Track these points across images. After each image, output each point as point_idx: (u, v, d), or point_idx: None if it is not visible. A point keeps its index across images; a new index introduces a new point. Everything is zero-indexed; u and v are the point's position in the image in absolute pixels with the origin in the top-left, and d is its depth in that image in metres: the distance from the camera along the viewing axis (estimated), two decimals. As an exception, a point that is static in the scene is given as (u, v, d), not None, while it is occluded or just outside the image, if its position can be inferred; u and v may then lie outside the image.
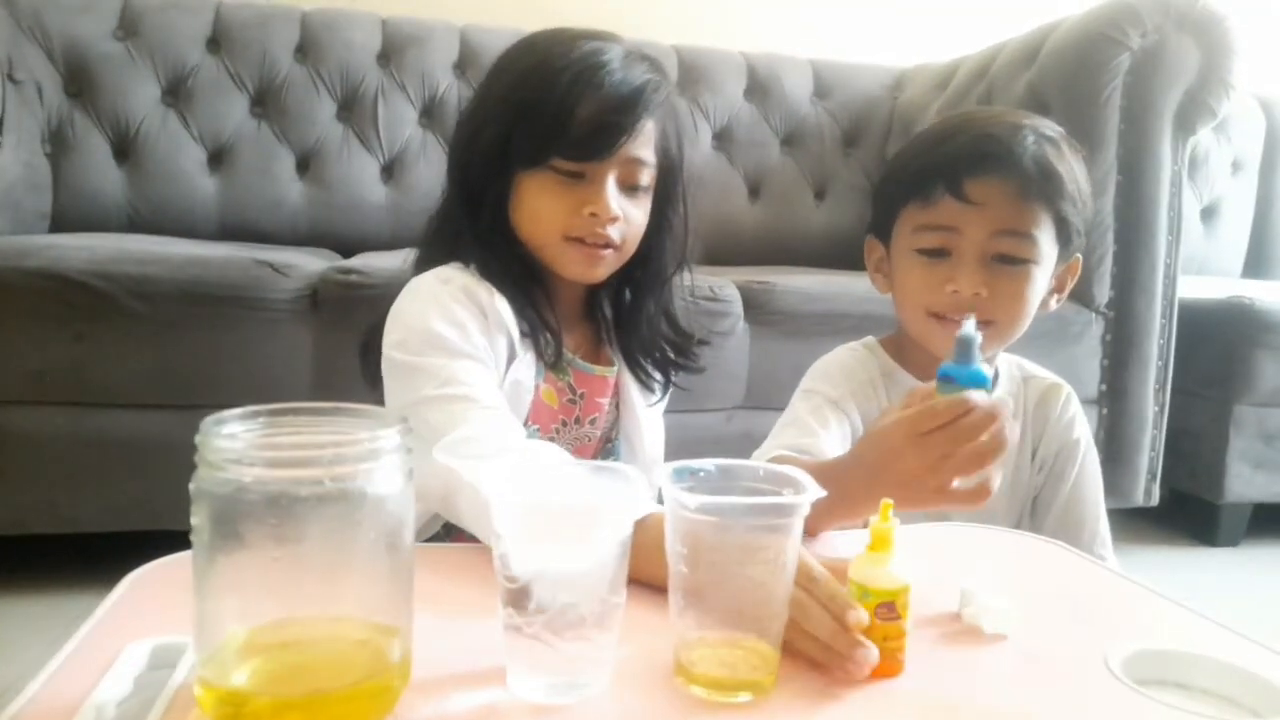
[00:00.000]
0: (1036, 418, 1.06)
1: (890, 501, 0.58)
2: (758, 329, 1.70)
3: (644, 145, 0.92)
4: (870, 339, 1.08)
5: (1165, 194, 1.84)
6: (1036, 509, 1.05)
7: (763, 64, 2.43)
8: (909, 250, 0.98)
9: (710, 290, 1.62)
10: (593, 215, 0.89)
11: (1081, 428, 1.06)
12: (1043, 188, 0.93)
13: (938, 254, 0.96)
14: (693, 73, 2.35)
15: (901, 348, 1.05)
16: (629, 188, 0.92)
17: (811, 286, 1.76)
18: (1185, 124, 1.83)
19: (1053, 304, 1.01)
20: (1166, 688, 0.57)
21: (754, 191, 2.41)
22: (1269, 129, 2.74)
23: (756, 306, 1.69)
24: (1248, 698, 0.56)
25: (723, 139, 2.38)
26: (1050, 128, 0.97)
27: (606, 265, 0.94)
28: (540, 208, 0.91)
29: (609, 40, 0.93)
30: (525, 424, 0.93)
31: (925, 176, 0.95)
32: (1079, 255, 1.01)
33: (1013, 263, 0.94)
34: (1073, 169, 0.95)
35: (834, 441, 0.96)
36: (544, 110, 0.88)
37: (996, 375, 1.03)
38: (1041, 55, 1.94)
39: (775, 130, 2.41)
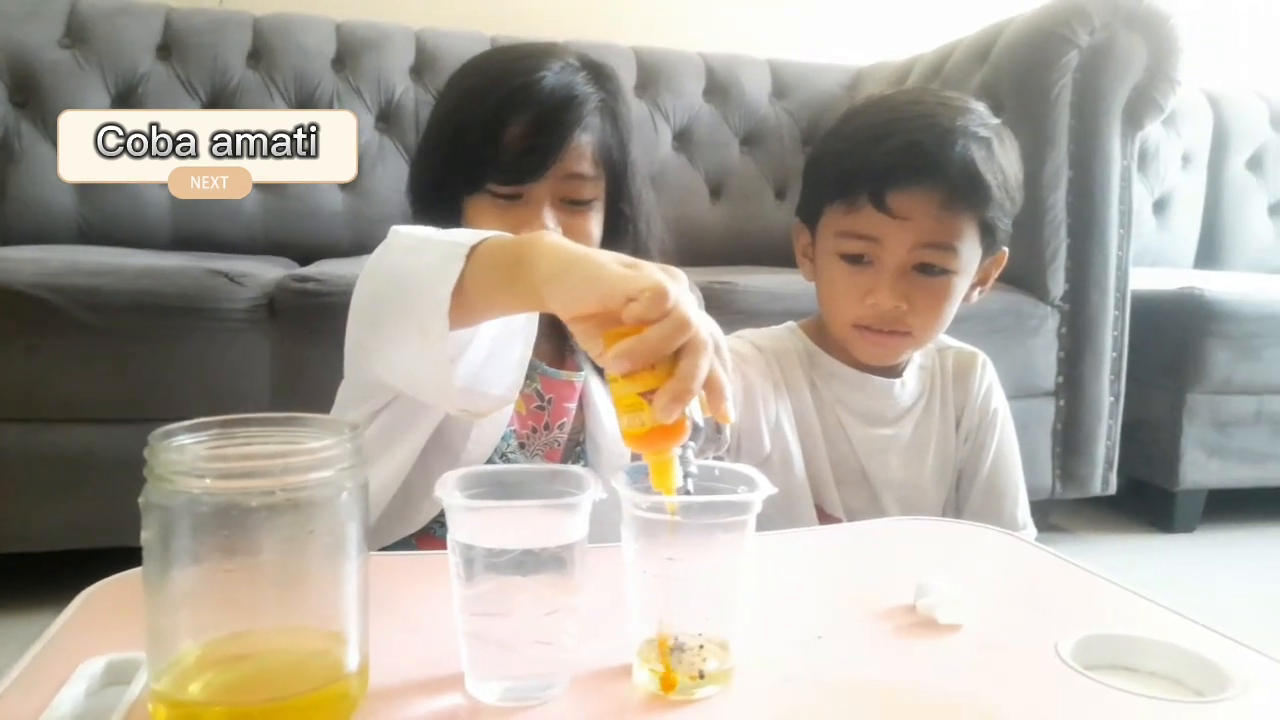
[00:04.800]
0: (957, 389, 1.06)
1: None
2: (723, 329, 1.70)
3: (580, 160, 0.91)
4: (790, 323, 1.09)
5: (1116, 188, 1.87)
6: (961, 480, 1.06)
7: (721, 64, 2.43)
8: (832, 253, 0.97)
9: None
10: None
11: (998, 396, 1.07)
12: (969, 197, 0.92)
13: (859, 260, 0.95)
14: (652, 74, 2.35)
15: (823, 331, 1.05)
16: (572, 203, 0.91)
17: (774, 285, 1.76)
18: (1134, 119, 1.86)
19: (974, 296, 1.02)
20: (1115, 671, 0.59)
21: (715, 192, 2.41)
22: (1216, 122, 2.80)
23: (719, 307, 1.70)
24: (1192, 678, 0.58)
25: (683, 140, 2.38)
26: (984, 125, 0.94)
27: None
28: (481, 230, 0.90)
29: (553, 55, 0.92)
30: (505, 428, 0.93)
31: (850, 182, 0.94)
32: (1004, 249, 1.01)
33: (933, 273, 0.94)
34: (1002, 168, 0.94)
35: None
36: (475, 134, 0.88)
37: None
38: (994, 53, 1.97)
39: (735, 130, 2.42)
